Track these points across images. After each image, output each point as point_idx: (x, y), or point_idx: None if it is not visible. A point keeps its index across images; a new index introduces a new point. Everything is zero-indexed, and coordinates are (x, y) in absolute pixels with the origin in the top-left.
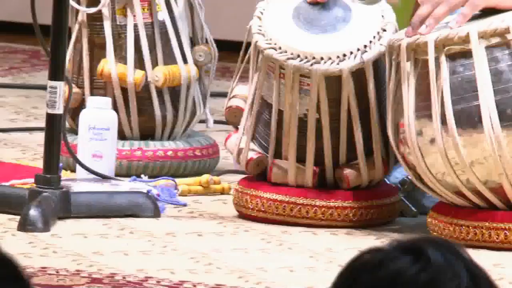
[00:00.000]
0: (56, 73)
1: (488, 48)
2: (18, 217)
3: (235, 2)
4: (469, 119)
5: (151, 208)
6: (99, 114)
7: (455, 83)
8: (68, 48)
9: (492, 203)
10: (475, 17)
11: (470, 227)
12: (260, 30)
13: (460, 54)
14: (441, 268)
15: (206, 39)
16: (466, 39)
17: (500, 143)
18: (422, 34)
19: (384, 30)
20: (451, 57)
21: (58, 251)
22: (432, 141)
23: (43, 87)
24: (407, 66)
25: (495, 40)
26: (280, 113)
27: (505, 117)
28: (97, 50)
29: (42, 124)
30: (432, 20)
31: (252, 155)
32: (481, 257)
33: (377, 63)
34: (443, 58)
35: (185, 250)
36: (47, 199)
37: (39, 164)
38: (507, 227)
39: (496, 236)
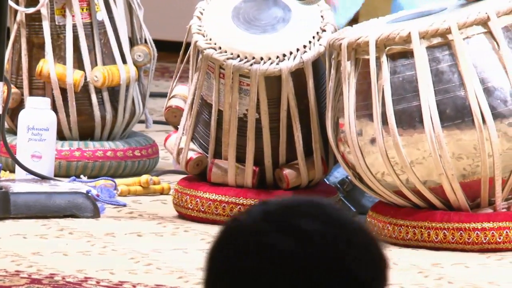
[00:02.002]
0: None
1: (429, 48)
2: None
3: (174, 2)
4: (409, 119)
5: (90, 208)
6: (38, 114)
7: (396, 83)
8: (7, 48)
9: (431, 203)
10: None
11: (410, 227)
12: (200, 30)
13: (401, 54)
14: (312, 239)
15: (145, 39)
16: (407, 39)
17: (441, 143)
18: None
19: (324, 31)
20: (392, 57)
21: None
22: (372, 140)
23: None
24: (347, 66)
25: (436, 41)
26: (220, 113)
27: (445, 117)
28: (36, 50)
29: None
30: None
31: (191, 155)
32: (420, 257)
33: (317, 63)
34: (384, 58)
35: (124, 251)
36: None
37: None
38: (446, 227)
39: (435, 236)
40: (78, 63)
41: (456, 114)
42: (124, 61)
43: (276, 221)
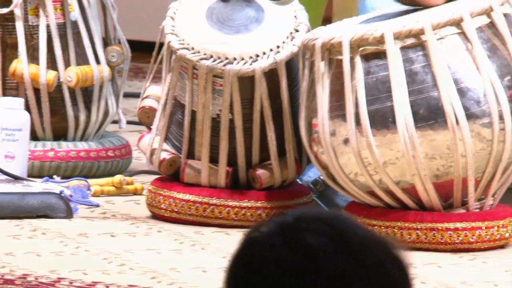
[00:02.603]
0: None
1: (402, 49)
2: None
3: (147, 3)
4: (383, 120)
5: (63, 208)
6: (11, 115)
7: (369, 84)
8: None
9: (404, 203)
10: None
11: (383, 227)
12: (173, 31)
13: (375, 54)
14: (321, 255)
15: (119, 40)
16: (381, 40)
17: (414, 143)
18: None
19: (297, 31)
20: (366, 58)
21: None
22: (346, 141)
23: None
24: (321, 66)
25: (409, 41)
26: (193, 113)
27: (419, 118)
28: (9, 51)
29: None
30: None
31: (165, 155)
32: None
33: (290, 63)
34: (357, 59)
35: (97, 251)
36: None
37: None
38: (419, 227)
39: (408, 236)
40: (52, 63)
41: (429, 115)
42: (97, 61)
43: (289, 235)
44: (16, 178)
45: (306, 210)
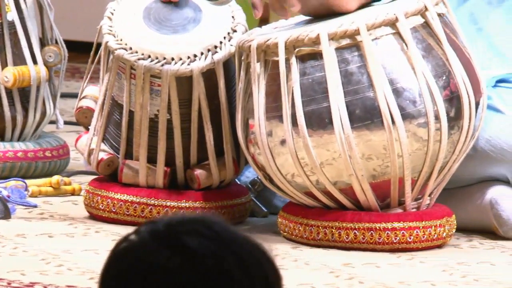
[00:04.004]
0: None
1: (338, 49)
2: None
3: (85, 3)
4: (319, 120)
5: (1, 209)
6: None
7: (305, 84)
8: None
9: (342, 204)
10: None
11: (320, 227)
12: (111, 31)
13: (310, 55)
14: (200, 257)
15: (56, 40)
16: (316, 41)
17: (350, 144)
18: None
19: (235, 31)
20: (302, 59)
21: None
22: (283, 142)
23: None
24: (257, 67)
25: (345, 42)
26: (131, 113)
27: (355, 118)
28: None
29: None
30: None
31: (102, 155)
32: (331, 257)
33: (228, 64)
34: (293, 60)
35: (35, 251)
36: None
37: None
38: (356, 227)
39: (346, 236)
40: None
41: (365, 115)
42: (34, 61)
43: (164, 239)
44: None
45: (174, 215)
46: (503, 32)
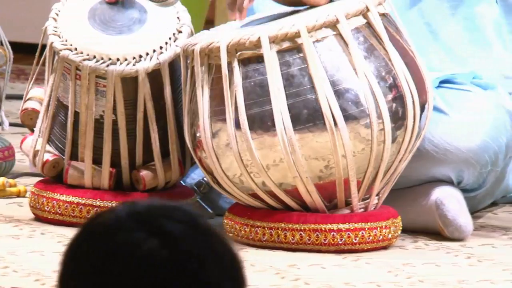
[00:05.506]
0: None
1: (279, 52)
2: None
3: (30, 4)
4: (262, 123)
5: None
6: None
7: (248, 88)
8: None
9: (287, 205)
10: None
11: (266, 228)
12: (56, 31)
13: (252, 59)
14: (180, 243)
15: (1, 41)
16: (257, 44)
17: (293, 146)
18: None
19: (180, 32)
20: (244, 62)
21: None
22: (228, 145)
23: None
24: (201, 71)
25: (286, 44)
26: (76, 114)
27: (297, 121)
28: None
29: None
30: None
31: (48, 157)
32: (277, 258)
33: (173, 64)
34: (235, 63)
35: None
36: None
37: None
38: (302, 228)
39: (292, 237)
40: None
41: (308, 117)
42: None
43: (143, 220)
44: None
45: (153, 200)
46: (454, 31)
